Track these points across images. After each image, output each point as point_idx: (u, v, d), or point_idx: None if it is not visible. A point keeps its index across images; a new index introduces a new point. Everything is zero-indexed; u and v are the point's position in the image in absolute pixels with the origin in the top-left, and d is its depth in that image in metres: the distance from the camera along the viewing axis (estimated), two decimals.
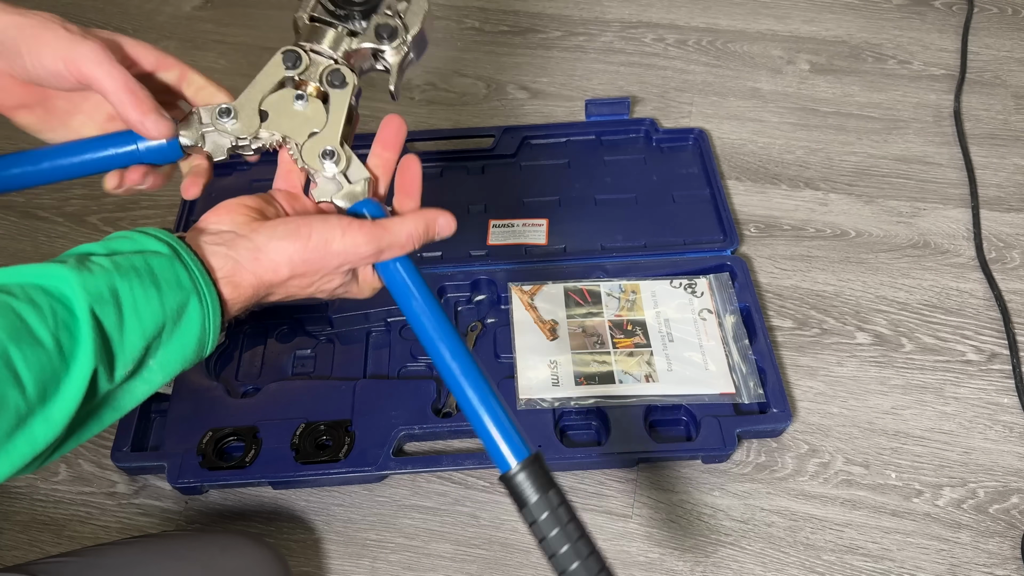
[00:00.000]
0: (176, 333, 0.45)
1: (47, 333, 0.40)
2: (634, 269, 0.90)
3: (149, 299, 0.44)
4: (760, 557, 0.74)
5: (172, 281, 0.45)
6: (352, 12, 0.58)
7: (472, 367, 0.54)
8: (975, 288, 0.92)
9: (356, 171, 0.57)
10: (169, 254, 0.46)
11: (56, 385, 0.40)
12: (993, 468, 0.78)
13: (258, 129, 0.56)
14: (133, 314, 0.43)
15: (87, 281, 0.42)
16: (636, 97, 1.14)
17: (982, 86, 1.14)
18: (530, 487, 0.53)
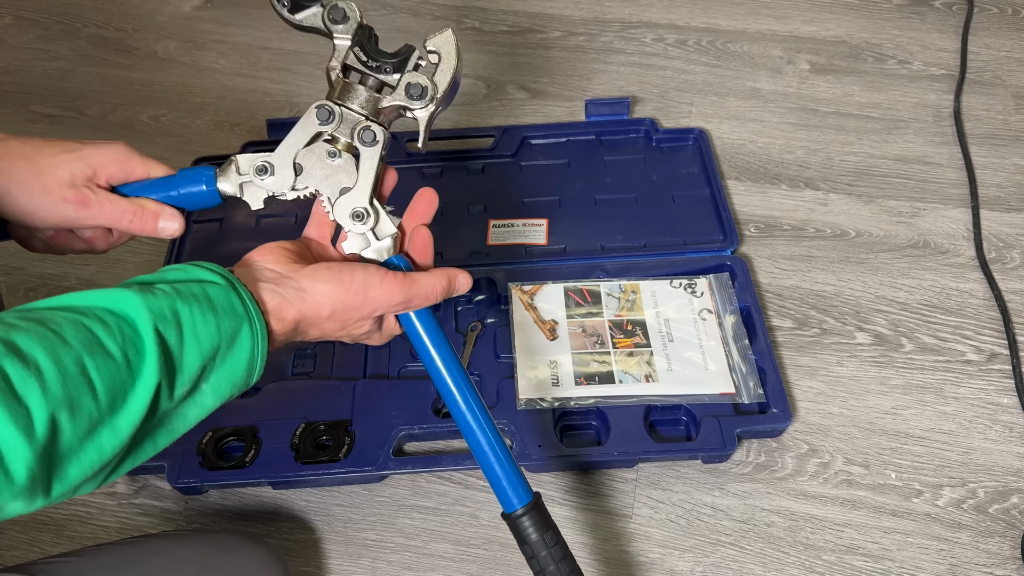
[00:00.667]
0: (229, 357, 0.49)
1: (116, 347, 0.43)
2: (634, 269, 0.90)
3: (207, 322, 0.47)
4: (760, 557, 0.74)
5: (227, 308, 0.49)
6: (383, 65, 0.60)
7: (484, 416, 0.60)
8: (975, 288, 0.92)
9: (384, 227, 0.60)
10: (224, 284, 0.50)
11: (124, 396, 0.43)
12: (993, 468, 0.78)
13: (293, 183, 0.59)
14: (192, 334, 0.46)
15: (151, 303, 0.45)
16: (636, 97, 1.14)
17: (982, 86, 1.14)
18: (531, 527, 0.60)
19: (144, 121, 1.13)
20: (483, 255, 0.93)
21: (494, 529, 0.76)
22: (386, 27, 1.27)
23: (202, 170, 0.59)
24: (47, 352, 0.40)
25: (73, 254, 0.62)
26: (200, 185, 0.59)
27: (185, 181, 0.59)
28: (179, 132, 1.11)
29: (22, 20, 1.30)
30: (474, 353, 0.85)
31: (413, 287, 0.57)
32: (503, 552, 0.75)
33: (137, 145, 0.60)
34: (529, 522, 0.60)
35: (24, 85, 1.19)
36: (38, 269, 0.96)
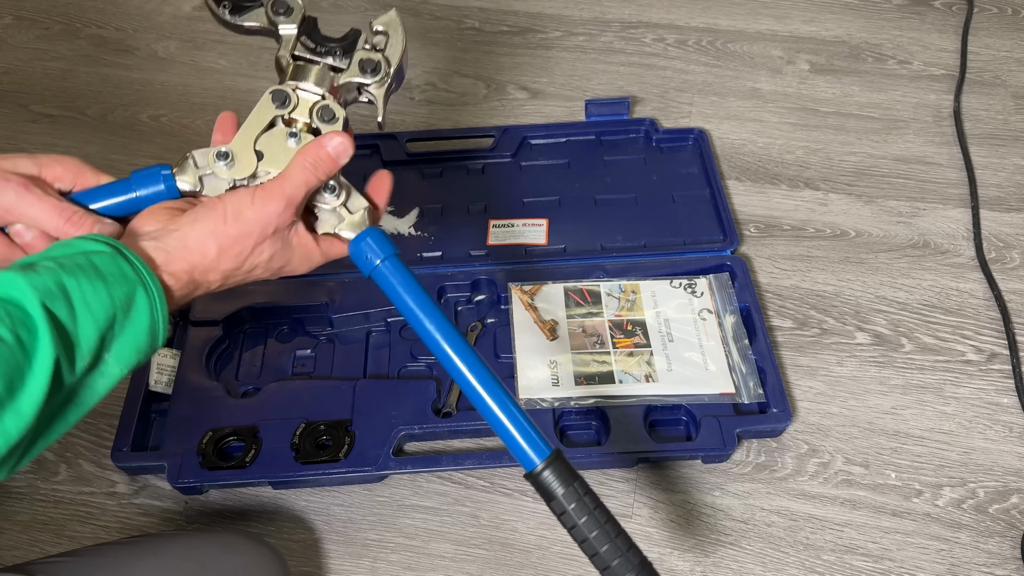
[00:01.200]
0: (128, 323, 0.47)
1: (6, 330, 0.42)
2: (634, 269, 0.90)
3: (97, 291, 0.46)
4: (760, 557, 0.74)
5: (116, 274, 0.47)
6: (332, 49, 0.60)
7: (486, 372, 0.59)
8: (975, 288, 0.92)
9: (356, 201, 0.59)
10: (110, 251, 0.48)
11: (22, 378, 0.42)
12: (993, 468, 0.78)
13: (256, 168, 0.57)
14: (84, 306, 0.45)
15: (34, 280, 0.44)
16: (636, 97, 1.14)
17: (982, 86, 1.14)
18: (556, 481, 0.57)
19: (144, 121, 1.13)
20: (483, 255, 0.93)
21: (494, 529, 0.76)
22: None
23: (157, 169, 0.57)
24: None
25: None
26: (158, 185, 0.56)
27: (141, 182, 0.57)
28: (179, 132, 1.11)
29: (22, 20, 1.30)
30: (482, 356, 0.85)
31: (285, 184, 0.54)
32: (503, 552, 0.75)
33: (137, 145, 0.60)
34: (553, 476, 0.57)
35: (24, 85, 1.19)
36: None
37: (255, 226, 0.53)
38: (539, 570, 0.74)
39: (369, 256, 0.58)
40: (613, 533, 0.58)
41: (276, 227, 0.54)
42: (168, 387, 0.82)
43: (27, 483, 0.79)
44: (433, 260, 0.93)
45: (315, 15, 0.60)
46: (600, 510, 0.58)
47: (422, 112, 1.13)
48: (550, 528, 0.76)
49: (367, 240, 0.58)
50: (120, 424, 0.78)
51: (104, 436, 0.81)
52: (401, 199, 0.99)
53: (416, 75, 1.18)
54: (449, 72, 1.19)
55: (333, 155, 0.56)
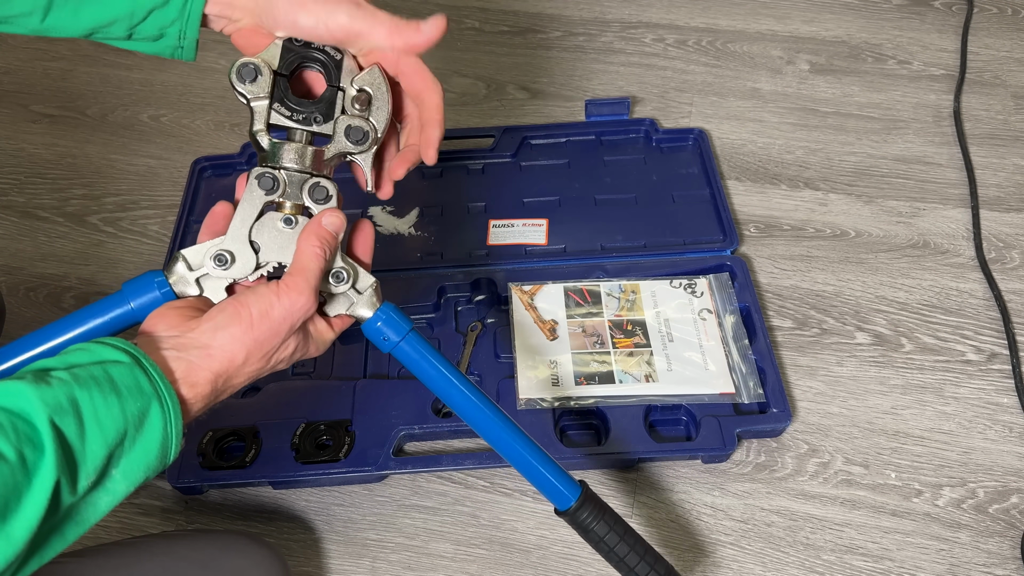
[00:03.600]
0: (139, 440, 0.45)
1: (10, 448, 0.40)
2: (634, 269, 0.90)
3: (110, 406, 0.43)
4: (760, 557, 0.74)
5: (132, 387, 0.45)
6: (311, 115, 0.56)
7: (511, 425, 0.60)
8: (975, 288, 0.92)
9: (363, 280, 0.57)
10: (128, 361, 0.46)
11: (18, 499, 0.39)
12: (993, 468, 0.78)
13: (254, 266, 0.55)
14: (94, 422, 0.43)
15: (45, 394, 0.42)
16: (636, 97, 1.14)
17: (982, 86, 1.14)
18: (591, 517, 0.61)
19: (144, 121, 1.13)
20: (483, 255, 0.93)
21: (494, 529, 0.76)
22: None
23: (150, 276, 0.55)
24: None
25: None
26: (153, 293, 0.54)
27: (135, 293, 0.54)
28: (179, 132, 1.11)
29: None
30: (474, 353, 0.85)
31: (304, 275, 0.52)
32: (503, 552, 0.75)
33: (137, 145, 0.61)
34: (588, 513, 0.60)
35: (25, 85, 1.19)
36: (38, 269, 0.96)
37: (284, 324, 0.52)
38: (539, 570, 0.74)
39: (388, 336, 0.58)
40: (642, 551, 0.62)
41: (301, 321, 0.53)
42: None
43: None
44: (433, 260, 0.93)
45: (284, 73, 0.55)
46: (629, 534, 0.62)
47: None
48: (550, 528, 0.76)
49: (383, 320, 0.57)
50: None
51: None
52: (401, 199, 0.99)
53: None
54: (449, 72, 1.19)
55: (333, 232, 0.55)
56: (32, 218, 1.02)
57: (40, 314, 0.92)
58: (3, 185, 1.06)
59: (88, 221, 1.01)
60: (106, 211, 1.02)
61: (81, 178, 1.06)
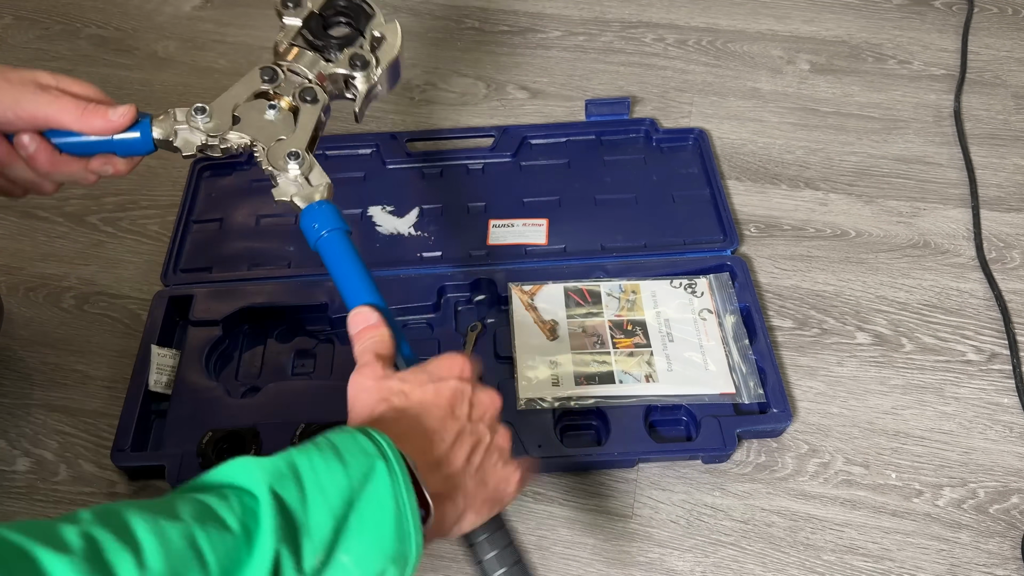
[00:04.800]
0: (366, 511, 0.41)
1: (234, 519, 0.39)
2: (634, 269, 0.90)
3: (331, 469, 0.41)
4: (760, 557, 0.74)
5: (355, 449, 0.43)
6: (330, 43, 0.64)
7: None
8: (975, 288, 0.92)
9: (318, 176, 0.60)
10: (349, 430, 0.45)
11: (238, 568, 0.38)
12: (993, 468, 0.78)
13: (228, 130, 0.60)
14: (315, 486, 0.40)
15: (264, 463, 0.41)
16: (636, 97, 1.14)
17: (982, 86, 1.14)
18: None
19: None
20: (483, 255, 0.93)
21: None
22: None
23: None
24: (149, 525, 0.37)
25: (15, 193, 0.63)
26: (134, 132, 0.60)
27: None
28: None
29: (22, 20, 1.30)
30: (474, 353, 0.85)
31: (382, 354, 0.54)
32: None
33: None
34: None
35: None
36: (38, 269, 0.96)
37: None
38: (539, 570, 0.73)
39: (316, 226, 0.58)
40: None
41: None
42: (168, 387, 0.82)
43: (27, 483, 0.79)
44: (433, 260, 0.93)
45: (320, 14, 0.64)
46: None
47: (422, 112, 1.13)
48: (550, 528, 0.76)
49: (318, 210, 0.59)
50: (120, 424, 0.78)
51: (104, 436, 0.81)
52: (401, 199, 0.99)
53: (416, 75, 1.18)
54: (449, 72, 1.19)
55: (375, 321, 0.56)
56: (32, 218, 1.02)
57: (40, 314, 0.92)
58: None
59: (88, 221, 1.01)
60: (106, 211, 1.02)
61: None
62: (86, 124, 0.58)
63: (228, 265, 0.93)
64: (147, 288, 0.93)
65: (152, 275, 0.94)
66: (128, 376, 0.82)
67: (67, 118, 0.58)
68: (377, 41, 0.66)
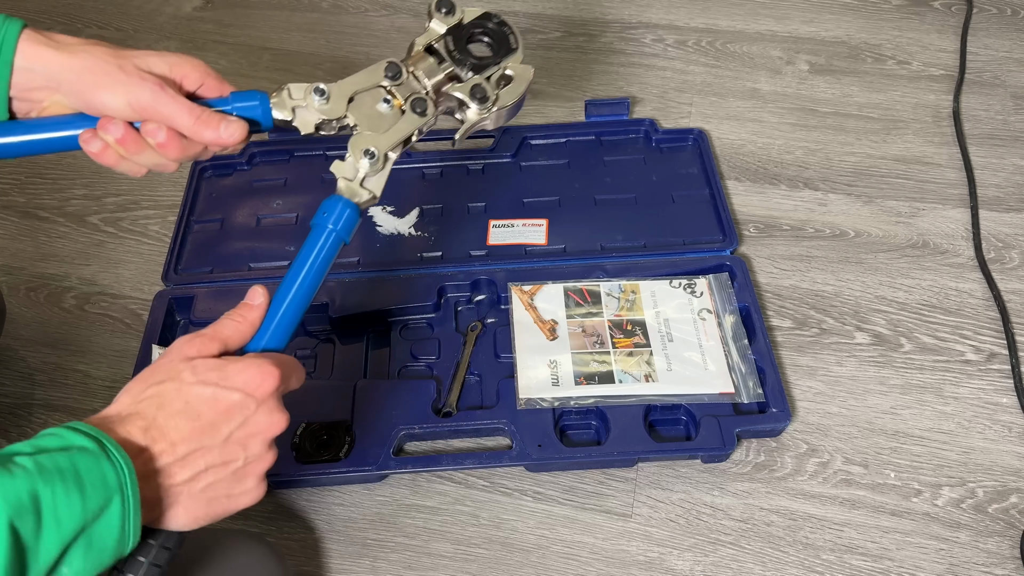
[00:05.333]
0: (95, 535, 0.44)
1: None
2: (634, 269, 0.91)
3: (71, 503, 0.42)
4: (759, 556, 0.74)
5: (97, 480, 0.44)
6: (464, 61, 0.65)
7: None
8: (974, 288, 0.92)
9: (374, 183, 0.62)
10: (95, 449, 0.45)
11: None
12: (992, 468, 0.78)
13: (343, 114, 0.61)
14: (52, 520, 0.42)
15: (8, 492, 0.41)
16: (636, 97, 1.14)
17: (981, 86, 1.14)
18: None
19: None
20: (483, 255, 0.93)
21: (494, 529, 0.76)
22: (386, 27, 1.27)
23: (255, 93, 0.62)
24: None
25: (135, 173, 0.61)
26: (255, 103, 0.61)
27: (239, 98, 0.61)
28: None
29: None
30: (474, 353, 0.85)
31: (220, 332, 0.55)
32: (503, 552, 0.75)
33: None
34: None
35: None
36: (39, 269, 0.96)
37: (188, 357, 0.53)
38: (539, 570, 0.74)
39: (324, 214, 0.60)
40: None
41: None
42: None
43: None
44: (433, 260, 0.93)
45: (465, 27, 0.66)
46: None
47: None
48: (550, 528, 0.76)
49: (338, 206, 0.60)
50: None
51: None
52: (401, 199, 0.99)
53: None
54: None
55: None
56: (32, 218, 1.02)
57: (40, 314, 0.92)
58: (4, 185, 1.06)
59: (88, 221, 1.01)
60: (107, 211, 1.02)
61: (81, 178, 1.06)
62: (197, 134, 0.58)
63: (229, 265, 0.93)
64: (148, 288, 0.93)
65: (153, 275, 0.94)
66: (128, 376, 0.83)
67: (181, 123, 0.58)
68: (505, 79, 0.67)
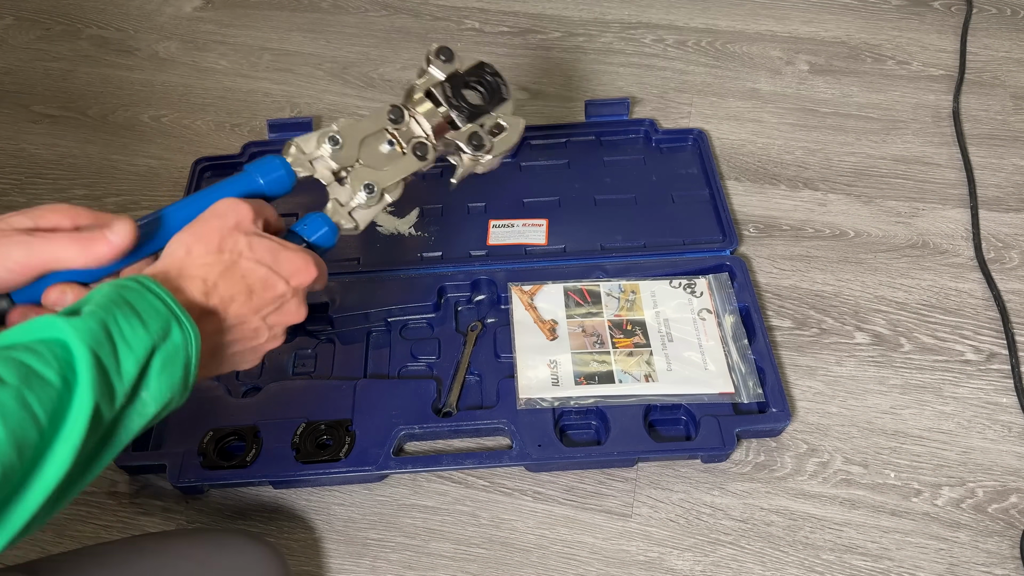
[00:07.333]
0: (164, 357, 0.48)
1: (53, 373, 0.42)
2: (634, 269, 0.91)
3: (134, 327, 0.46)
4: (759, 556, 0.74)
5: (151, 310, 0.48)
6: (461, 108, 0.69)
7: None
8: (974, 288, 0.92)
9: (362, 216, 0.66)
10: (138, 287, 0.49)
11: (63, 422, 0.42)
12: (992, 468, 0.78)
13: (355, 160, 0.65)
14: (125, 345, 0.46)
15: (78, 325, 0.44)
16: (635, 98, 1.14)
17: (981, 87, 1.14)
18: None
19: (145, 122, 1.13)
20: (483, 255, 0.94)
21: (494, 529, 0.76)
22: (386, 28, 1.27)
23: (273, 158, 0.63)
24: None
25: None
26: (279, 171, 0.63)
27: (262, 171, 0.63)
28: (180, 133, 1.12)
29: (23, 21, 1.30)
30: (474, 353, 0.85)
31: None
32: (503, 552, 0.75)
33: (139, 145, 0.61)
34: None
35: (25, 86, 1.19)
36: None
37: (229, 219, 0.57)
38: (539, 570, 0.74)
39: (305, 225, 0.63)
40: None
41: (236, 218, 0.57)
42: None
43: None
44: (433, 260, 0.93)
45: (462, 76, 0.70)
46: None
47: None
48: (550, 528, 0.76)
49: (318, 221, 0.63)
50: None
51: None
52: (401, 199, 0.99)
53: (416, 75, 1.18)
54: None
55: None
56: None
57: None
58: (4, 185, 1.06)
59: None
60: (107, 211, 1.02)
61: (82, 178, 1.06)
62: (92, 257, 0.53)
63: None
64: None
65: None
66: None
67: (69, 256, 0.53)
68: (498, 128, 0.70)
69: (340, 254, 0.90)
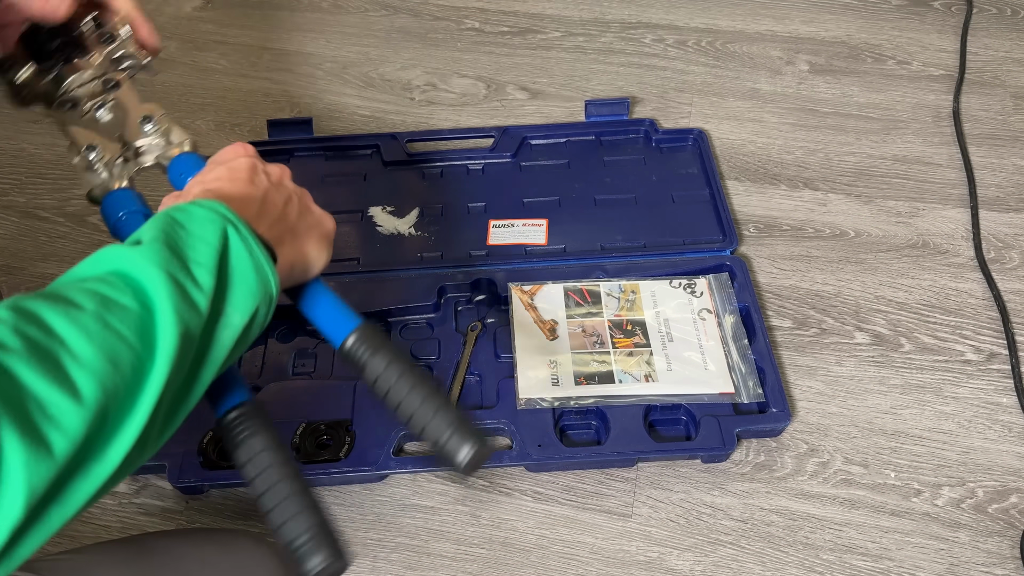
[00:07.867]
0: (232, 263, 0.48)
1: (128, 298, 0.44)
2: (634, 269, 0.91)
3: (193, 239, 0.47)
4: (759, 556, 0.74)
5: (201, 219, 0.49)
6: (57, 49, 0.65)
7: None
8: (974, 288, 0.92)
9: (178, 134, 0.65)
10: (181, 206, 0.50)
11: (152, 334, 0.43)
12: (992, 468, 0.78)
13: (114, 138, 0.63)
14: (190, 257, 0.46)
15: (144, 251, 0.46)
16: (636, 97, 1.14)
17: (981, 86, 1.14)
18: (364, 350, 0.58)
19: None
20: (483, 255, 0.93)
21: (494, 529, 0.76)
22: (386, 28, 1.27)
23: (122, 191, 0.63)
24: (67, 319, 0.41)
25: None
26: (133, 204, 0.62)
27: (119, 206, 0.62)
28: None
29: None
30: (474, 353, 0.85)
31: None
32: (503, 552, 0.75)
33: None
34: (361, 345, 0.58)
35: None
36: (39, 269, 0.96)
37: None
38: (539, 570, 0.74)
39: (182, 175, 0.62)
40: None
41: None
42: None
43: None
44: (433, 260, 0.93)
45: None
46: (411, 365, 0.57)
47: (422, 112, 1.13)
48: (550, 528, 0.76)
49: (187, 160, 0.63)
50: None
51: None
52: (401, 199, 0.99)
53: (416, 76, 1.19)
54: (449, 72, 1.19)
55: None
56: (33, 218, 1.02)
57: None
58: (4, 185, 1.06)
59: (89, 221, 1.01)
60: None
61: None
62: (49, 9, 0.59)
63: None
64: None
65: None
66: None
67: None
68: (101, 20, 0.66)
69: (340, 254, 0.91)
